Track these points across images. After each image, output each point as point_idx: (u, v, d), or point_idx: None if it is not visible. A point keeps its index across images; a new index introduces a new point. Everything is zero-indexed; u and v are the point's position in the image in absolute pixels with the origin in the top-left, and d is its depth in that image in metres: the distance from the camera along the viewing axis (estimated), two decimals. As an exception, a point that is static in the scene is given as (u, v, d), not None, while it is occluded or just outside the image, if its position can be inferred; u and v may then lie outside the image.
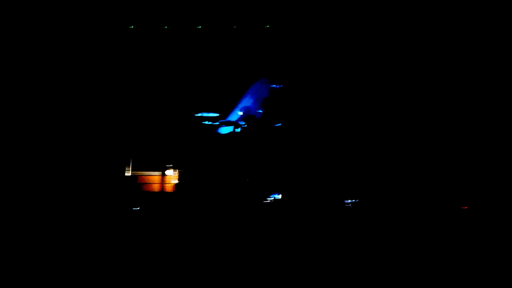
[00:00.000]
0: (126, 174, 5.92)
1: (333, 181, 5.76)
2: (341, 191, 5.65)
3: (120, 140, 6.16)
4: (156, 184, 6.05)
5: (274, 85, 6.40)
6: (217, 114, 6.63)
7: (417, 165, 5.91)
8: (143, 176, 6.08)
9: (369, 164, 6.04)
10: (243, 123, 6.68)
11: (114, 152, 6.02)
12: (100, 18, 6.35)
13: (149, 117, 6.91)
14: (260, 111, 6.56)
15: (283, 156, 6.28)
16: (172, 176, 6.07)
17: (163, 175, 6.08)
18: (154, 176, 6.09)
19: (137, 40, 6.88)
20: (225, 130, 6.57)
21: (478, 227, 4.63)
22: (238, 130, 6.55)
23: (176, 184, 6.04)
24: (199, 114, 6.50)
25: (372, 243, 4.18)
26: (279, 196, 5.42)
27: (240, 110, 6.69)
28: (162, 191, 6.00)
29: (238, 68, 7.12)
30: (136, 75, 6.75)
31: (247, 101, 6.72)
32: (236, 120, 6.76)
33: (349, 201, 5.20)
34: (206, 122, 6.48)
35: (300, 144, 6.49)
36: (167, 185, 6.03)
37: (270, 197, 5.60)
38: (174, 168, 6.11)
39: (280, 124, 6.40)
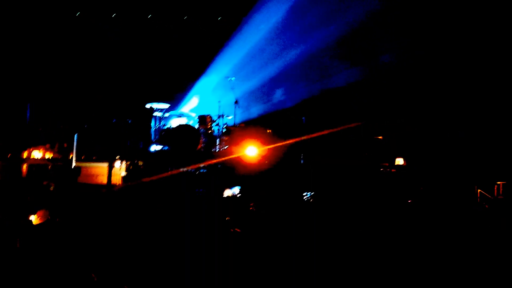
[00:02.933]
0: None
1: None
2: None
3: (64, 130, 5.78)
4: (103, 176, 5.73)
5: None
6: (168, 105, 6.48)
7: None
8: (88, 168, 5.75)
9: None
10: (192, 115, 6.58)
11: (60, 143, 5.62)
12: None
13: (95, 107, 6.60)
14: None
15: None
16: (120, 167, 5.79)
17: (111, 166, 5.77)
18: (100, 168, 5.77)
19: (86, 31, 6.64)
20: (175, 122, 6.42)
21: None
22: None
23: (124, 177, 5.77)
24: (149, 104, 6.31)
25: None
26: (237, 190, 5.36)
27: None
28: (109, 183, 5.70)
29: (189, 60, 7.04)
30: (87, 65, 6.47)
31: None
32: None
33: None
34: (157, 113, 6.30)
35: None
36: (114, 177, 5.73)
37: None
38: (121, 159, 5.84)
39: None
